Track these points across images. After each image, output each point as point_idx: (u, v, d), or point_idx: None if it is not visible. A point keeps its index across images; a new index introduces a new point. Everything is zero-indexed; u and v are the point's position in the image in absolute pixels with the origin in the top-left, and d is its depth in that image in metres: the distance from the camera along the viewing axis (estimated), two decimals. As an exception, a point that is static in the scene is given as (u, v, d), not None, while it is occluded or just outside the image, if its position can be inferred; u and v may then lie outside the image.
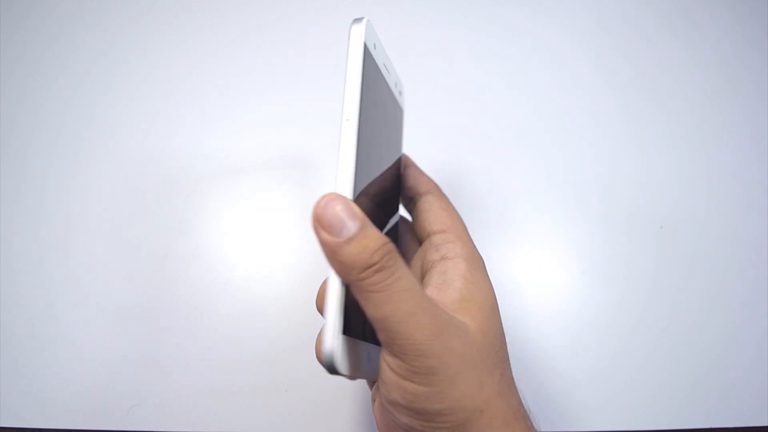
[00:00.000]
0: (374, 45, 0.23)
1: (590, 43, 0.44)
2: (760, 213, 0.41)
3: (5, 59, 0.43)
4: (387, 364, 0.18)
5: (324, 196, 0.18)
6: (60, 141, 0.42)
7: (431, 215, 0.25)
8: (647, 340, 0.38)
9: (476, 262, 0.23)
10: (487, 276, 0.23)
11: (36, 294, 0.38)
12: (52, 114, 0.42)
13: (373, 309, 0.18)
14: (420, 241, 0.25)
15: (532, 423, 0.21)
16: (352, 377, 0.19)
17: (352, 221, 0.18)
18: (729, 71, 0.44)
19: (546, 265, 0.39)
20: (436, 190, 0.26)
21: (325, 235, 0.18)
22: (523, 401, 0.22)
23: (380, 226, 0.22)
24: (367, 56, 0.21)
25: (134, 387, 0.36)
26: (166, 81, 0.43)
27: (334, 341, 0.18)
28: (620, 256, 0.40)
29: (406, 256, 0.26)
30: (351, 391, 0.35)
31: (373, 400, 0.24)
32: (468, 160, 0.42)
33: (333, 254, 0.18)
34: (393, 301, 0.17)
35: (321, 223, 0.18)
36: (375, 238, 0.18)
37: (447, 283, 0.22)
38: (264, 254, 0.39)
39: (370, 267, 0.17)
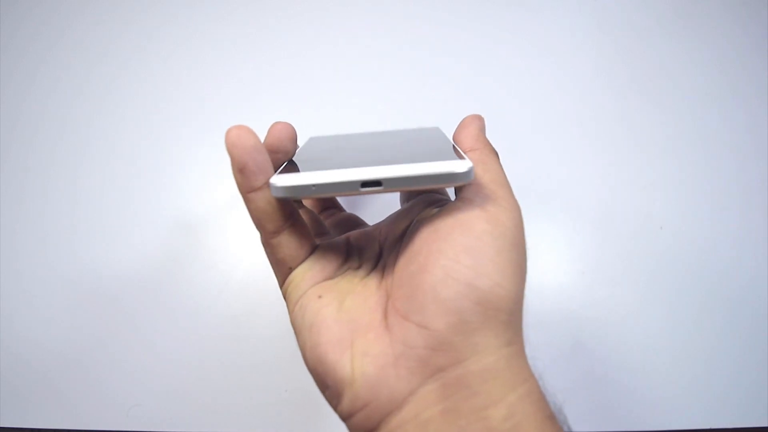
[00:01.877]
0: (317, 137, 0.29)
1: (590, 45, 0.44)
2: (759, 213, 0.41)
3: (6, 58, 0.44)
4: (478, 206, 0.20)
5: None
6: (62, 140, 0.42)
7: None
8: (646, 340, 0.38)
9: None
10: None
11: (36, 294, 0.38)
12: (54, 114, 0.42)
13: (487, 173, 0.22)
14: None
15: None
16: (309, 188, 0.19)
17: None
18: (729, 72, 0.44)
19: (545, 265, 0.39)
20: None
21: None
22: None
23: None
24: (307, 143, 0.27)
25: (134, 387, 0.36)
26: (167, 82, 0.43)
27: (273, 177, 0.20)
28: (620, 256, 0.40)
29: None
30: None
31: (318, 296, 0.21)
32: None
33: None
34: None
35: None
36: None
37: None
38: (264, 255, 0.39)
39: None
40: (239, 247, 0.40)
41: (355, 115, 0.42)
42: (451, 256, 0.18)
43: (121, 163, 0.41)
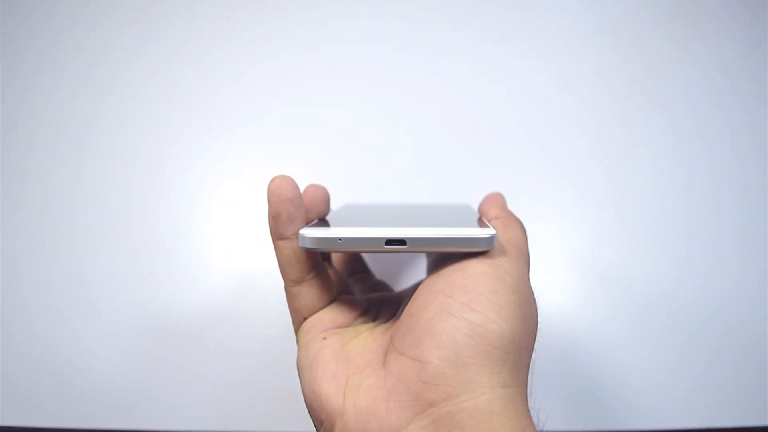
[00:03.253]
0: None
1: (590, 45, 0.44)
2: (759, 213, 0.41)
3: (6, 59, 0.44)
4: (481, 259, 0.20)
5: None
6: (62, 142, 0.42)
7: None
8: (646, 340, 0.38)
9: None
10: None
11: (37, 293, 0.38)
12: (54, 115, 0.42)
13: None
14: None
15: None
16: (335, 240, 0.20)
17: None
18: (729, 71, 0.44)
19: (545, 265, 0.39)
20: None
21: None
22: None
23: None
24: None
25: (135, 386, 0.36)
26: (167, 81, 0.43)
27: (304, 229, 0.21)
28: (620, 257, 0.40)
29: None
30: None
31: (323, 338, 0.22)
32: (466, 162, 0.42)
33: None
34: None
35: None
36: None
37: None
38: (265, 254, 0.39)
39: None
40: (239, 247, 0.40)
41: (353, 113, 0.42)
42: (448, 293, 0.19)
43: (121, 163, 0.41)
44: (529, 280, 0.21)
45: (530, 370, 0.20)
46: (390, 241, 0.20)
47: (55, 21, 0.44)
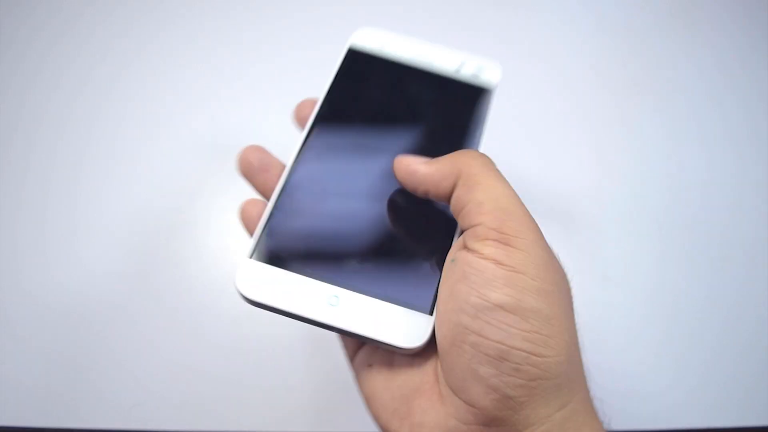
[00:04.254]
0: (382, 45, 0.27)
1: (589, 45, 0.44)
2: (759, 213, 0.41)
3: (7, 57, 0.44)
4: (490, 258, 0.18)
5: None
6: (62, 142, 0.42)
7: None
8: (647, 340, 0.38)
9: None
10: None
11: (37, 293, 0.38)
12: (54, 115, 0.43)
13: (483, 191, 0.20)
14: None
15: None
16: (265, 307, 0.21)
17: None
18: (729, 71, 0.44)
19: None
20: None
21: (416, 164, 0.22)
22: None
23: None
24: (361, 57, 0.28)
25: (135, 386, 0.36)
26: (167, 81, 0.43)
27: (238, 262, 0.20)
28: (619, 256, 0.40)
29: None
30: (353, 389, 0.35)
31: (368, 365, 0.22)
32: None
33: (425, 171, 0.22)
34: (503, 183, 0.21)
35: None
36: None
37: None
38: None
39: (477, 158, 0.21)
40: (239, 247, 0.40)
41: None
42: (475, 329, 0.17)
43: (121, 163, 0.41)
44: (552, 262, 0.20)
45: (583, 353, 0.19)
46: (316, 323, 0.20)
47: (55, 21, 0.44)
